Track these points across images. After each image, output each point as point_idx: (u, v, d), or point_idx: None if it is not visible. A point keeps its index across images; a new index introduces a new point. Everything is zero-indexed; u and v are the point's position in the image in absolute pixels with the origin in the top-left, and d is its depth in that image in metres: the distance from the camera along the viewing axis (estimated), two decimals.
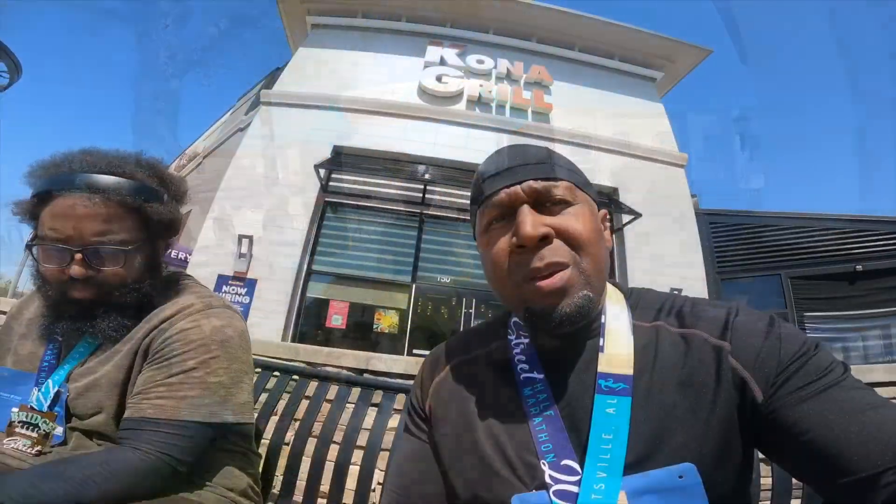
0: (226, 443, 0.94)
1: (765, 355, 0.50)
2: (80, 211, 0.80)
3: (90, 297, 0.83)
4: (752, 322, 0.53)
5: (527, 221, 0.55)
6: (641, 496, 0.48)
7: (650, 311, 0.61)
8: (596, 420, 0.52)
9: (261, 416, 1.38)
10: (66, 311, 0.84)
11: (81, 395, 0.84)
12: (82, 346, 0.88)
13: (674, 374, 0.53)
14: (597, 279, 0.57)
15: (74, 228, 0.80)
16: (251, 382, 0.94)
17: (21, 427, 0.85)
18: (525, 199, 0.57)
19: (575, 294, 0.55)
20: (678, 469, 0.48)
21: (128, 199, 0.84)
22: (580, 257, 0.56)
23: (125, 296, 0.85)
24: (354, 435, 1.29)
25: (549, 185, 0.58)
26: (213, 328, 0.87)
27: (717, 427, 0.50)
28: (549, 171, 0.59)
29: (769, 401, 0.48)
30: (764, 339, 0.51)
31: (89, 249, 0.81)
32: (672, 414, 0.51)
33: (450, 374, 0.69)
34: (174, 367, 0.82)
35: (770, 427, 0.49)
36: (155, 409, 0.79)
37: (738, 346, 0.52)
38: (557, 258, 0.55)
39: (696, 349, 0.53)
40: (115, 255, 0.83)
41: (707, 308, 0.57)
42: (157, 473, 0.76)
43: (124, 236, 0.84)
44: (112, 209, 0.82)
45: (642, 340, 0.57)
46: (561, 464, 0.52)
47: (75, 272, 0.80)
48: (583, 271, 0.56)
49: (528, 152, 0.62)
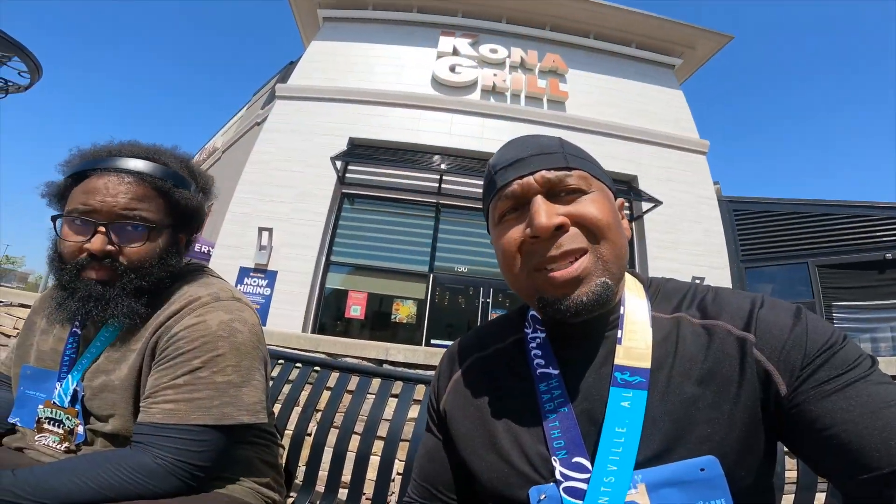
0: (248, 436, 0.95)
1: (790, 347, 0.48)
2: (110, 188, 0.81)
3: (104, 278, 0.81)
4: (778, 313, 0.52)
5: (541, 211, 0.54)
6: (661, 489, 0.47)
7: (671, 301, 0.59)
8: (610, 413, 0.52)
9: (283, 407, 1.41)
10: (77, 290, 0.80)
11: (96, 395, 0.83)
12: (98, 340, 0.87)
13: (695, 366, 0.51)
14: (616, 267, 0.56)
15: (102, 202, 0.80)
16: (263, 378, 0.89)
17: (48, 423, 0.85)
18: (538, 190, 0.56)
19: (592, 281, 0.53)
20: (699, 461, 0.47)
21: (158, 181, 0.86)
22: (598, 244, 0.55)
23: (139, 279, 0.83)
24: (375, 426, 1.31)
25: (563, 174, 0.56)
26: (219, 323, 0.83)
27: (741, 420, 0.48)
28: (561, 160, 0.57)
29: (793, 394, 0.47)
30: (790, 331, 0.49)
31: (114, 224, 0.81)
32: (693, 407, 0.49)
33: (466, 372, 0.69)
34: (181, 368, 0.79)
35: (793, 421, 0.48)
36: (164, 413, 0.77)
37: (762, 338, 0.50)
38: (574, 245, 0.54)
39: (719, 341, 0.52)
40: (137, 232, 0.83)
41: (730, 298, 0.56)
42: (173, 478, 0.74)
43: (150, 216, 0.84)
44: (142, 190, 0.84)
45: (662, 332, 0.56)
46: (572, 461, 0.52)
47: (96, 244, 0.79)
48: (601, 257, 0.54)
49: (539, 142, 0.60)
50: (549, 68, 8.64)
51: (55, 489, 0.68)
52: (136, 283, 0.83)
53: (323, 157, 7.20)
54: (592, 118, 8.19)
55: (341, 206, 7.55)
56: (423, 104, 8.01)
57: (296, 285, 6.67)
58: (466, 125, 7.89)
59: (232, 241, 6.87)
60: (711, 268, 7.17)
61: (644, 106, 8.71)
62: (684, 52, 9.52)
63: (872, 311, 7.00)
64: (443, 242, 7.49)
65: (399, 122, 7.83)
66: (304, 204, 7.12)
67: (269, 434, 1.02)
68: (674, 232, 7.44)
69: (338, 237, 7.39)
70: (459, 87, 8.27)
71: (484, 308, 7.02)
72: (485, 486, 0.59)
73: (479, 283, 7.19)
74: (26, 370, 0.91)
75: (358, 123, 7.76)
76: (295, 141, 7.58)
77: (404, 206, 7.62)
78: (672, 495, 0.47)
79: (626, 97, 8.76)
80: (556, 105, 8.43)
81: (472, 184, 7.42)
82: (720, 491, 0.46)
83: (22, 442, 0.89)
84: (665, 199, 7.31)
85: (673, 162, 8.11)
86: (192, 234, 0.98)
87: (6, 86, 5.00)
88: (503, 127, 7.83)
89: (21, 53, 4.57)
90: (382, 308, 7.14)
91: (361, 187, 7.59)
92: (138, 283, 0.83)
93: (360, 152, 7.58)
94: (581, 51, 9.13)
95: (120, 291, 0.81)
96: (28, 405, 0.89)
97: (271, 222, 6.85)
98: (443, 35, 8.73)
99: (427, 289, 7.09)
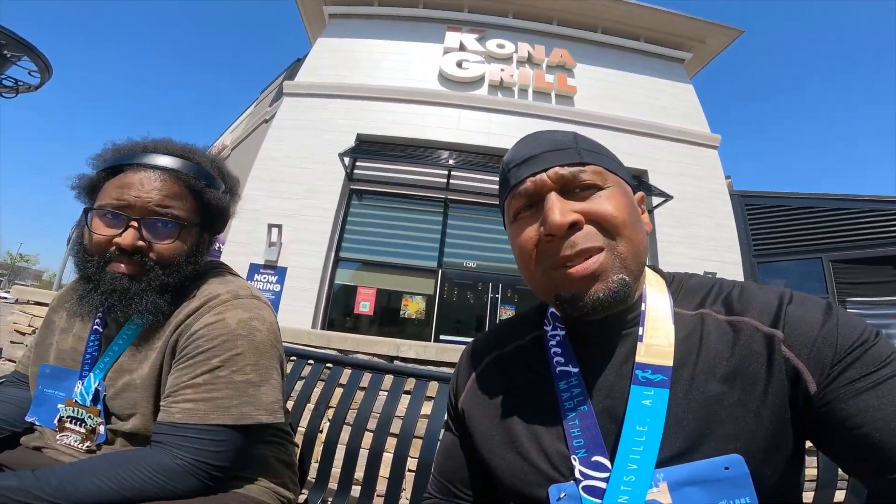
0: (265, 435, 0.95)
1: (820, 344, 0.47)
2: (146, 183, 0.82)
3: (131, 272, 0.81)
4: (807, 309, 0.50)
5: (555, 209, 0.53)
6: (683, 487, 0.46)
7: (694, 297, 0.58)
8: (631, 411, 0.51)
9: (296, 404, 1.41)
10: (102, 282, 0.80)
11: (118, 395, 0.83)
12: (120, 338, 0.87)
13: (721, 364, 0.50)
14: (634, 263, 0.55)
15: (136, 198, 0.81)
16: (281, 377, 0.89)
17: (70, 422, 0.85)
18: (552, 187, 0.56)
19: (609, 278, 0.53)
20: (724, 460, 0.46)
21: (192, 180, 0.87)
22: (615, 241, 0.54)
23: (166, 276, 0.83)
24: (388, 423, 1.30)
25: (576, 170, 0.56)
26: (238, 321, 0.83)
27: (768, 419, 0.47)
28: (574, 155, 0.57)
29: (823, 392, 0.46)
30: (820, 328, 0.48)
31: (147, 220, 0.82)
32: (718, 405, 0.49)
33: (485, 370, 0.68)
34: (200, 367, 0.79)
35: (822, 419, 0.47)
36: (183, 413, 0.77)
37: (791, 335, 0.49)
38: (590, 243, 0.53)
39: (745, 338, 0.51)
40: (168, 229, 0.84)
41: (757, 294, 0.54)
42: (192, 479, 0.74)
43: (181, 214, 0.85)
44: (176, 188, 0.85)
45: (686, 329, 0.55)
46: (591, 459, 0.52)
47: (127, 239, 0.79)
48: (618, 255, 0.54)
49: (553, 138, 0.60)
50: (557, 63, 8.57)
51: (76, 489, 0.68)
52: (163, 280, 0.83)
53: (331, 154, 7.20)
54: (601, 112, 8.12)
55: (350, 202, 7.56)
56: (431, 100, 7.98)
57: (305, 281, 6.70)
58: (474, 120, 7.86)
59: (242, 237, 6.91)
60: (724, 263, 7.09)
61: (653, 100, 8.62)
62: (694, 47, 9.39)
63: (888, 306, 6.88)
64: (451, 238, 7.48)
65: (406, 117, 7.81)
66: (312, 200, 7.14)
67: (284, 433, 1.02)
68: (685, 227, 7.37)
69: (346, 233, 7.40)
70: (466, 82, 8.23)
71: (493, 304, 7.00)
72: (504, 484, 0.59)
73: (487, 279, 7.17)
74: (45, 369, 0.91)
75: (365, 119, 7.75)
76: (303, 137, 7.59)
77: (412, 201, 7.62)
78: (695, 494, 0.46)
79: (636, 91, 8.68)
80: (565, 100, 8.36)
81: (480, 179, 7.39)
82: (745, 490, 0.45)
83: (40, 441, 0.89)
84: (676, 193, 7.23)
85: (683, 156, 8.03)
86: (215, 234, 0.98)
87: (17, 85, 5.05)
88: (511, 122, 7.78)
89: (31, 53, 4.61)
90: (391, 304, 7.15)
91: (369, 183, 7.60)
92: (164, 280, 0.83)
93: (368, 148, 7.58)
94: (589, 45, 9.04)
95: (146, 286, 0.82)
96: (47, 404, 0.89)
97: (280, 219, 6.88)
98: (449, 30, 8.70)
99: (436, 284, 7.09)
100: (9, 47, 4.47)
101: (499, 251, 7.37)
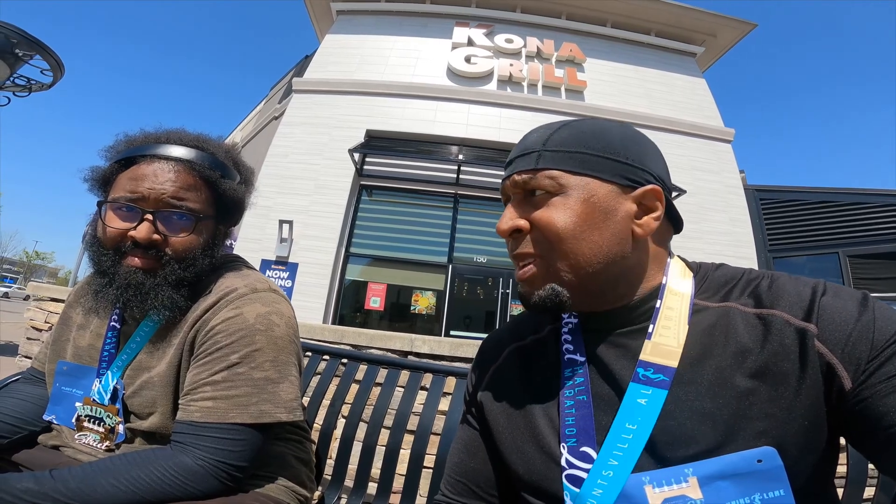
0: (283, 432, 0.94)
1: (856, 339, 0.45)
2: (160, 175, 0.80)
3: (146, 267, 0.79)
4: (843, 302, 0.48)
5: (504, 216, 0.58)
6: (715, 482, 0.44)
7: (720, 289, 0.56)
8: (624, 408, 0.51)
9: (311, 401, 1.40)
10: (117, 277, 0.78)
11: (137, 393, 0.82)
12: (138, 335, 0.85)
13: (749, 359, 0.48)
14: (571, 273, 0.54)
15: (151, 190, 0.79)
16: (299, 373, 0.88)
17: (88, 421, 0.84)
18: (514, 191, 0.59)
19: (539, 287, 0.55)
20: (756, 453, 0.44)
21: (207, 171, 0.84)
22: (552, 250, 0.54)
23: (182, 270, 0.81)
24: (405, 419, 1.29)
25: (527, 177, 0.57)
26: (256, 315, 0.81)
27: (801, 417, 0.45)
28: (532, 161, 0.57)
29: (858, 389, 0.44)
30: (855, 321, 0.46)
31: (161, 213, 0.80)
32: (747, 402, 0.46)
33: (503, 362, 0.67)
34: (218, 363, 0.77)
35: (857, 416, 0.45)
36: (202, 412, 0.75)
37: (825, 329, 0.46)
38: (523, 250, 0.57)
39: (776, 332, 0.48)
40: (183, 222, 0.81)
41: (788, 285, 0.51)
42: (213, 480, 0.73)
43: (196, 206, 0.83)
44: (191, 179, 0.83)
45: (708, 321, 0.53)
46: (580, 449, 0.52)
47: (142, 232, 0.78)
48: (550, 265, 0.55)
49: (527, 140, 0.60)
50: (567, 58, 8.52)
51: (95, 492, 0.66)
52: (179, 274, 0.81)
53: (340, 150, 7.22)
54: (612, 107, 8.05)
55: (360, 197, 7.59)
56: (440, 95, 7.97)
57: (316, 277, 6.75)
58: (484, 115, 7.84)
59: (253, 233, 6.97)
60: (738, 258, 7.00)
61: (665, 94, 8.55)
62: (706, 41, 9.29)
63: None
64: (461, 233, 7.48)
65: (415, 113, 7.80)
66: (323, 196, 7.17)
67: (301, 430, 1.01)
68: (699, 221, 7.29)
69: (357, 229, 7.43)
70: (475, 77, 8.21)
71: (503, 299, 6.99)
72: (521, 479, 0.58)
73: (498, 274, 7.16)
74: (62, 366, 0.89)
75: (374, 115, 7.76)
76: (312, 134, 7.62)
77: (423, 197, 7.62)
78: (727, 489, 0.44)
79: (647, 86, 8.61)
80: (575, 94, 8.31)
81: (490, 174, 7.39)
82: (779, 483, 0.43)
83: (58, 440, 0.88)
84: (689, 188, 7.17)
85: (697, 150, 7.96)
86: (230, 226, 0.96)
87: (30, 84, 5.11)
88: (521, 117, 7.75)
89: (43, 51, 4.64)
90: (401, 299, 7.17)
91: (379, 179, 7.61)
92: (181, 274, 0.81)
93: (378, 144, 7.59)
94: (599, 40, 8.98)
95: (161, 281, 0.79)
96: (64, 402, 0.87)
97: (291, 215, 6.93)
98: (457, 26, 8.68)
99: (446, 280, 7.09)
100: (21, 46, 4.50)
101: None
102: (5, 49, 4.41)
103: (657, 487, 0.46)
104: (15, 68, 4.70)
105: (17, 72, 4.77)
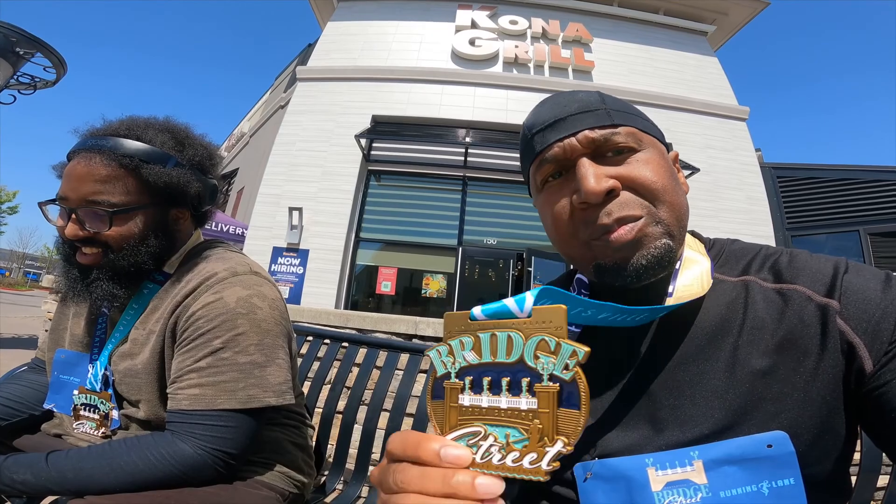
0: (277, 417, 0.93)
1: (879, 318, 0.43)
2: (78, 171, 0.79)
3: (87, 262, 0.80)
4: (867, 279, 0.46)
5: (589, 175, 0.49)
6: (721, 466, 0.41)
7: (738, 263, 0.54)
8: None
9: (312, 385, 1.40)
10: (69, 272, 0.82)
11: (122, 380, 0.82)
12: (122, 322, 0.85)
13: (767, 335, 0.46)
14: (677, 227, 0.51)
15: (72, 189, 0.78)
16: (288, 356, 0.86)
17: (84, 409, 0.85)
18: (583, 151, 0.51)
19: (650, 244, 0.49)
20: (766, 437, 0.41)
21: (123, 159, 0.80)
22: (655, 206, 0.50)
23: (119, 261, 0.80)
24: (404, 402, 1.28)
25: (608, 132, 0.51)
26: (237, 299, 0.80)
27: (818, 398, 0.43)
28: (604, 117, 0.52)
29: (879, 371, 0.42)
30: (880, 301, 0.43)
31: (82, 210, 0.79)
32: (762, 381, 0.44)
33: None
34: (202, 349, 0.77)
35: (875, 400, 0.42)
36: (190, 399, 0.75)
37: (848, 306, 0.44)
38: (628, 211, 0.49)
39: (796, 308, 0.46)
40: (100, 216, 0.79)
41: (809, 261, 0.50)
42: (209, 468, 0.73)
43: (118, 199, 0.80)
44: (110, 170, 0.79)
45: (727, 296, 0.50)
46: None
47: (69, 231, 0.78)
48: (660, 220, 0.50)
49: (578, 98, 0.54)
50: (573, 38, 8.36)
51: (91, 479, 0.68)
52: (116, 265, 0.80)
53: (347, 136, 7.20)
54: (621, 87, 7.88)
55: (368, 183, 7.58)
56: (445, 79, 7.89)
57: (327, 263, 6.77)
58: (490, 98, 7.75)
59: (264, 221, 7.00)
60: (755, 236, 6.88)
61: (677, 73, 8.38)
62: (717, 19, 9.07)
63: None
64: (471, 216, 7.45)
65: (421, 97, 7.74)
66: (331, 183, 7.17)
67: (298, 415, 1.00)
68: (715, 200, 7.20)
69: (366, 214, 7.43)
70: (480, 60, 8.10)
71: (514, 280, 6.93)
72: None
73: (508, 256, 7.11)
74: (61, 354, 0.91)
75: (380, 101, 7.72)
76: (318, 121, 7.60)
77: (431, 180, 7.59)
78: (734, 474, 0.41)
79: (657, 65, 8.44)
80: (582, 75, 8.18)
81: (498, 156, 7.32)
82: (789, 470, 0.40)
83: (60, 429, 0.89)
84: (704, 166, 7.05)
85: (711, 129, 7.81)
86: (197, 209, 0.92)
87: (34, 82, 5.14)
88: (528, 98, 7.63)
89: (43, 49, 4.66)
90: (413, 283, 7.17)
91: (387, 164, 7.58)
92: (119, 264, 0.80)
93: (384, 129, 7.56)
94: (605, 19, 8.79)
95: (98, 275, 0.80)
96: (63, 391, 0.89)
97: (300, 202, 6.94)
98: (460, 9, 8.54)
99: (456, 262, 7.07)
100: (20, 44, 4.52)
101: (519, 227, 7.31)
102: (6, 48, 4.42)
103: (660, 470, 0.43)
104: (17, 67, 4.72)
105: (20, 70, 4.79)
